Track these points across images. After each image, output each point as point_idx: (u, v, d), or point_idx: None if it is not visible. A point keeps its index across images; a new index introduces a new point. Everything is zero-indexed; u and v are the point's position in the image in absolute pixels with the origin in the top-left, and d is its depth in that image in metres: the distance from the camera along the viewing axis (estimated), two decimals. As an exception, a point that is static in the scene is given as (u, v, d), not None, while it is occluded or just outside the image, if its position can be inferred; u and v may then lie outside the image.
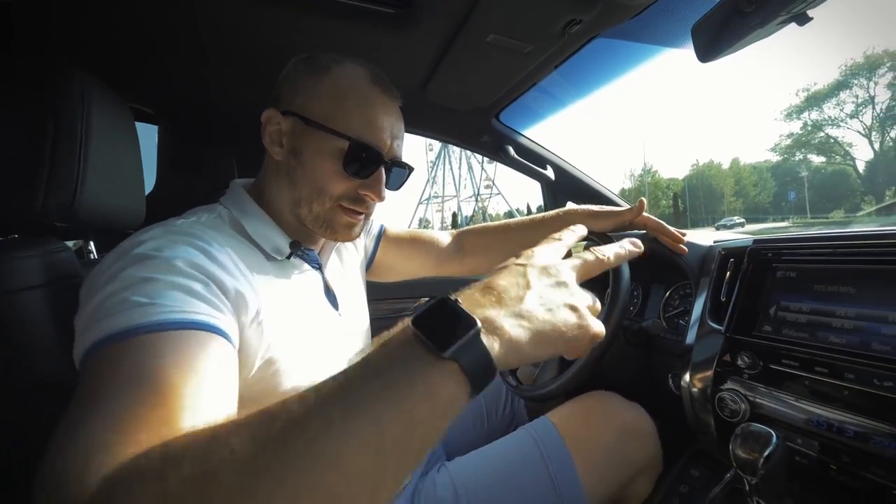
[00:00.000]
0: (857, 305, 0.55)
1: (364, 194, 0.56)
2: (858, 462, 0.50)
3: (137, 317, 0.34)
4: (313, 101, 0.54)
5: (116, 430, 0.28)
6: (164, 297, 0.36)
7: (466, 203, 65.57)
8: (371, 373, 0.27)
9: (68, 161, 0.49)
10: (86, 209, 0.51)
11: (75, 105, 0.50)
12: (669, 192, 68.70)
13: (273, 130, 0.55)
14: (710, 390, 0.66)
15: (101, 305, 0.36)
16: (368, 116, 0.54)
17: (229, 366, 0.39)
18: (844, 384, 0.52)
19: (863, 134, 54.04)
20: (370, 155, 0.54)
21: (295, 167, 0.55)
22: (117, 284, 0.37)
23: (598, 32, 0.83)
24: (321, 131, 0.53)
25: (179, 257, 0.40)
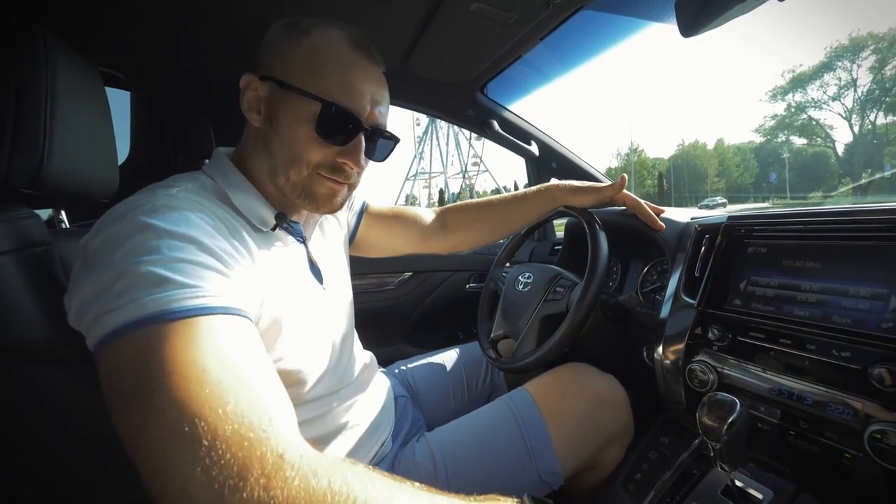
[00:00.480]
0: (821, 280, 0.57)
1: (342, 162, 0.54)
2: (815, 428, 0.53)
3: (169, 300, 0.35)
4: (290, 64, 0.52)
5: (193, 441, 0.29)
6: (191, 275, 0.37)
7: (454, 180, 65.12)
8: None
9: (33, 125, 0.46)
10: (54, 176, 0.49)
11: (39, 66, 0.47)
12: (655, 171, 69.29)
13: (251, 97, 0.54)
14: (682, 362, 0.68)
15: (118, 280, 0.35)
16: (345, 80, 0.52)
17: (259, 346, 0.40)
18: (806, 355, 0.55)
19: (843, 117, 54.95)
20: (346, 119, 0.52)
21: (272, 134, 0.53)
22: (130, 257, 0.36)
23: (583, 4, 0.82)
24: (296, 94, 0.51)
25: (198, 233, 0.40)
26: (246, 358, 0.36)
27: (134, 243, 0.37)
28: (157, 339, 0.33)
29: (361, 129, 0.54)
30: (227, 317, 0.37)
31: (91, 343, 0.36)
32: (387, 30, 0.95)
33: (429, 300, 1.53)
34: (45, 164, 0.48)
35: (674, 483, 0.65)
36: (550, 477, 0.67)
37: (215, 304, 0.37)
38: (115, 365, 0.34)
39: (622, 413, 0.76)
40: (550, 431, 0.69)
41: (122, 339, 0.34)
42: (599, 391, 0.75)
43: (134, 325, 0.34)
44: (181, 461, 0.29)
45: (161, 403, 0.31)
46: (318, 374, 0.56)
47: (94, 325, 0.35)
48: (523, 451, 0.67)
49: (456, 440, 0.69)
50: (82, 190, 0.56)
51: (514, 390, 0.77)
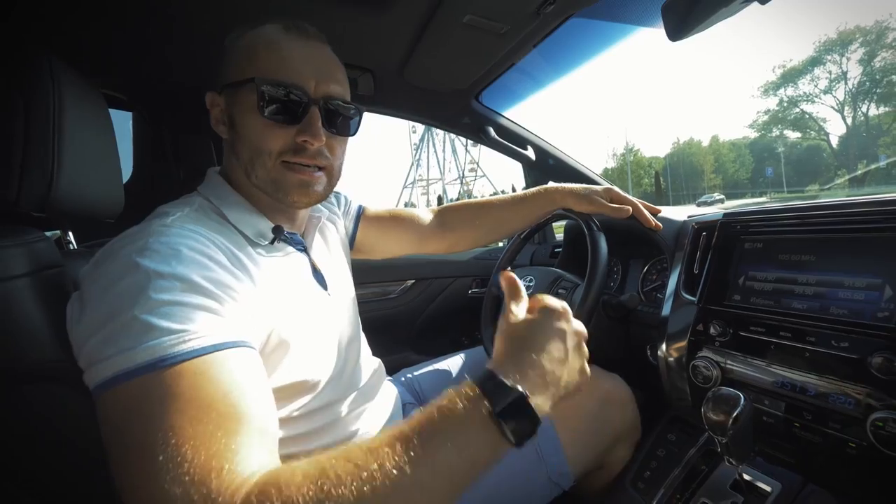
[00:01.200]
0: (818, 272, 0.59)
1: (302, 140, 0.52)
2: (818, 418, 0.54)
3: (168, 344, 0.35)
4: (231, 66, 0.53)
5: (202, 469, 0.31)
6: (186, 320, 0.37)
7: (452, 185, 65.34)
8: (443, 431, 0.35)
9: (42, 149, 0.48)
10: (63, 198, 0.50)
11: (46, 91, 0.49)
12: (651, 170, 69.53)
13: (216, 112, 0.56)
14: (685, 359, 0.69)
15: (111, 323, 0.37)
16: (278, 57, 0.52)
17: (263, 374, 0.42)
18: (806, 347, 0.56)
19: (836, 109, 55.26)
20: (288, 94, 0.51)
21: (235, 138, 0.54)
22: (125, 301, 0.37)
23: (572, 12, 0.84)
24: (238, 88, 0.52)
25: (184, 265, 0.41)
26: (239, 394, 0.37)
27: (123, 286, 0.38)
28: (145, 389, 0.34)
29: (311, 102, 0.53)
30: (217, 353, 0.37)
31: (88, 385, 0.37)
32: (382, 42, 0.97)
33: (432, 307, 1.54)
34: (54, 187, 0.49)
35: (683, 479, 0.65)
36: (560, 478, 0.68)
37: (204, 344, 0.37)
38: (111, 412, 0.35)
39: (629, 412, 0.76)
40: (559, 432, 0.69)
41: (116, 389, 0.35)
42: (606, 391, 0.76)
43: (125, 376, 0.35)
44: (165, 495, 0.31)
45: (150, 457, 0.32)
46: (325, 381, 0.57)
47: (88, 371, 0.37)
48: (532, 452, 0.68)
49: None
50: (90, 211, 0.57)
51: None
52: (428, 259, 1.53)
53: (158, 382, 0.34)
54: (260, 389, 0.39)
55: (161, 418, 0.33)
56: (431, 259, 1.54)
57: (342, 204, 0.85)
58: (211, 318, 0.39)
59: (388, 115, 1.38)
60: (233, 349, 0.39)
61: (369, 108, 1.29)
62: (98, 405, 0.36)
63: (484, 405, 0.36)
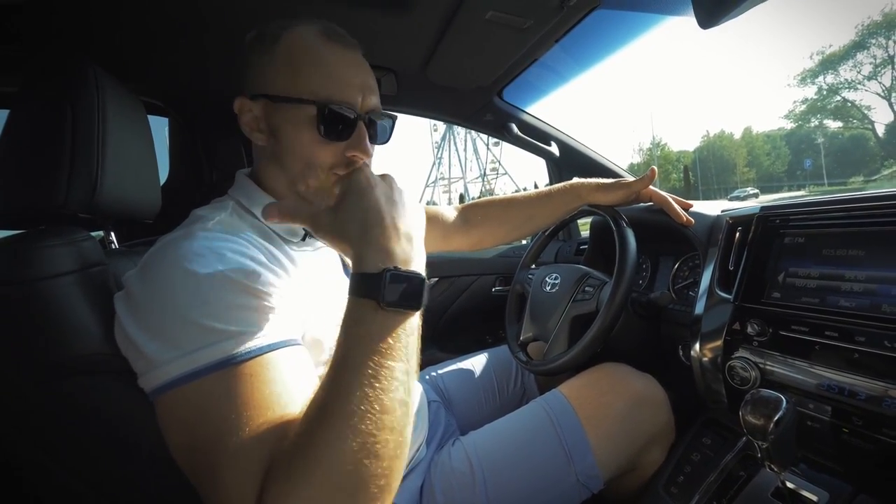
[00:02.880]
0: (867, 268, 0.55)
1: (352, 156, 0.54)
2: (870, 424, 0.51)
3: (228, 347, 0.38)
4: (273, 76, 0.53)
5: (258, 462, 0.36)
6: (242, 322, 0.40)
7: (473, 184, 65.19)
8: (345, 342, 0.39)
9: (87, 154, 0.50)
10: (106, 200, 0.53)
11: (91, 98, 0.51)
12: (680, 164, 67.30)
13: (249, 118, 0.55)
14: (721, 359, 0.66)
15: (167, 326, 0.39)
16: (330, 75, 0.52)
17: (311, 366, 0.45)
18: (855, 347, 0.52)
19: (882, 96, 51.94)
20: (343, 113, 0.52)
21: (278, 149, 0.55)
22: (178, 305, 0.40)
23: (597, 4, 0.82)
24: (288, 104, 0.52)
25: (231, 268, 0.43)
26: (289, 392, 0.40)
27: (176, 291, 0.40)
28: (208, 390, 0.38)
29: (360, 118, 0.54)
30: (271, 354, 0.41)
31: (146, 387, 0.40)
32: (404, 41, 0.97)
33: (455, 305, 1.54)
34: (99, 189, 0.52)
35: (720, 485, 0.63)
36: (589, 480, 0.66)
37: (260, 345, 0.40)
38: (178, 412, 0.39)
39: (662, 413, 0.74)
40: (588, 433, 0.68)
41: (180, 390, 0.38)
42: (637, 391, 0.74)
43: (188, 378, 0.38)
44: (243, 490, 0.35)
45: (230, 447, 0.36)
46: None
47: (146, 375, 0.39)
48: (561, 454, 0.66)
49: (492, 444, 0.69)
50: (130, 212, 0.60)
51: (548, 392, 0.77)
52: (451, 257, 1.53)
53: (221, 383, 0.38)
54: (309, 383, 0.42)
55: (227, 417, 0.36)
56: (454, 257, 1.53)
57: None
58: (262, 318, 0.42)
59: (410, 114, 1.39)
60: (284, 349, 0.42)
61: (393, 108, 1.30)
62: (158, 405, 0.39)
63: (369, 303, 0.39)
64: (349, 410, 0.35)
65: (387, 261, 0.40)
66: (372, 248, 0.41)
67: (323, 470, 0.34)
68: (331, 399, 0.36)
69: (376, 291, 0.39)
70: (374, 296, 0.39)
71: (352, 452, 0.35)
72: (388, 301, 0.38)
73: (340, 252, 0.46)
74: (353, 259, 0.42)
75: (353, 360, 0.37)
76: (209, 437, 0.36)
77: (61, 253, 0.46)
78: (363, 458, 0.35)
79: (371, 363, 0.37)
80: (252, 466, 0.35)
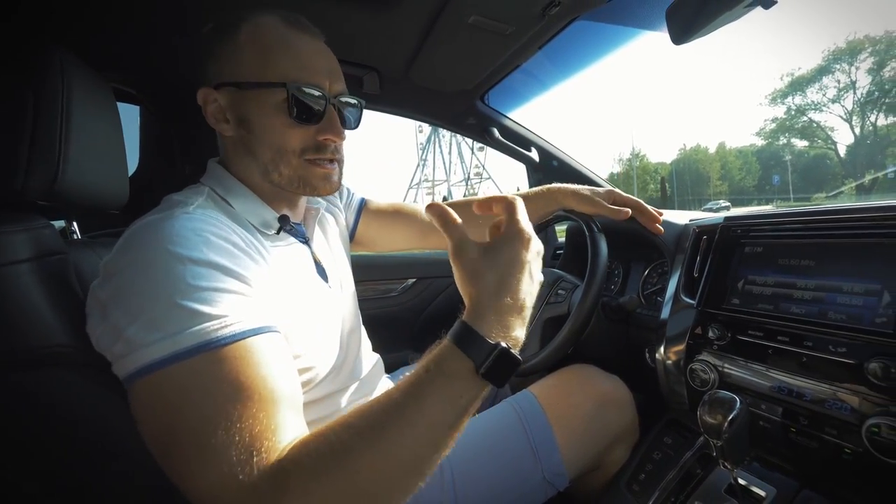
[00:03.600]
0: (817, 277, 0.59)
1: (324, 139, 0.54)
2: (815, 424, 0.54)
3: (205, 332, 0.37)
4: (238, 63, 0.52)
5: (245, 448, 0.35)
6: (230, 307, 0.40)
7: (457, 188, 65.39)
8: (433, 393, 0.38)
9: (49, 139, 0.48)
10: (68, 188, 0.51)
11: (55, 82, 0.49)
12: (657, 176, 69.30)
13: (214, 109, 0.55)
14: (683, 362, 0.69)
15: (146, 309, 0.38)
16: (296, 59, 0.52)
17: (289, 354, 0.45)
18: (804, 352, 0.56)
19: (844, 118, 54.91)
20: (313, 96, 0.53)
21: (248, 137, 0.54)
22: (158, 287, 0.39)
23: (577, 14, 0.84)
24: (258, 90, 0.52)
25: (214, 252, 0.42)
26: (275, 376, 0.40)
27: (159, 273, 0.39)
28: (192, 373, 0.37)
29: (329, 101, 0.54)
30: (255, 338, 0.40)
31: (122, 373, 0.38)
32: (388, 40, 0.97)
33: (433, 306, 1.54)
34: (60, 177, 0.50)
35: (678, 483, 0.65)
36: (556, 478, 0.68)
37: (243, 328, 0.39)
38: (151, 398, 0.37)
39: (628, 413, 0.76)
40: (555, 433, 0.69)
41: (159, 373, 0.36)
42: (604, 392, 0.76)
43: (170, 360, 0.36)
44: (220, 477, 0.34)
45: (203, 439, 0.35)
46: (326, 372, 0.57)
47: (126, 357, 0.38)
48: (528, 452, 0.68)
49: (462, 442, 0.69)
50: (94, 201, 0.58)
51: (518, 392, 0.78)
52: (430, 257, 1.54)
53: (204, 366, 0.37)
54: (290, 369, 0.43)
55: (210, 401, 0.36)
56: (434, 257, 1.54)
57: (344, 196, 0.86)
58: (246, 302, 0.42)
59: (393, 114, 1.39)
60: (267, 334, 0.41)
61: (375, 107, 1.29)
62: (136, 391, 0.38)
63: (468, 365, 0.38)
64: (400, 437, 0.36)
65: (502, 335, 0.40)
66: (496, 313, 0.41)
67: (350, 479, 0.35)
68: (388, 419, 0.37)
69: (479, 357, 0.38)
70: (474, 358, 0.38)
71: (384, 475, 0.36)
72: (485, 373, 0.38)
73: (461, 290, 0.45)
74: (471, 307, 0.42)
75: (425, 397, 0.38)
76: (193, 421, 0.35)
77: (16, 240, 0.44)
78: (388, 481, 0.36)
79: (439, 410, 0.38)
80: (239, 449, 0.34)
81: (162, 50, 0.97)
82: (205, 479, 0.34)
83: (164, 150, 1.17)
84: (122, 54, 0.97)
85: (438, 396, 0.38)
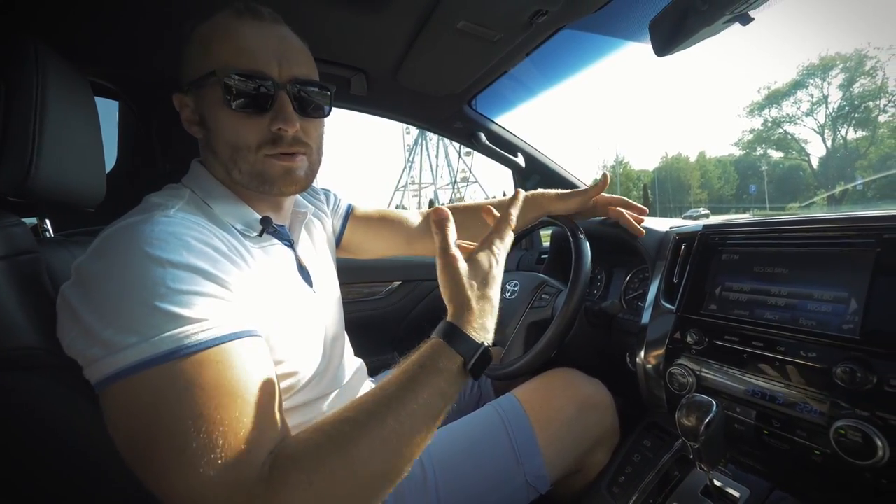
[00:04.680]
0: (789, 285, 0.61)
1: (277, 129, 0.51)
2: (786, 426, 0.56)
3: (183, 336, 0.36)
4: (189, 62, 0.52)
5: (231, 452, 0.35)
6: (209, 311, 0.39)
7: (443, 191, 65.51)
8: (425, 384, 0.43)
9: (22, 134, 0.47)
10: (42, 184, 0.49)
11: (30, 73, 0.48)
12: (640, 183, 70.78)
13: (187, 113, 0.55)
14: (663, 366, 0.71)
15: (123, 311, 0.37)
16: (235, 45, 0.50)
17: (269, 358, 0.45)
18: (776, 356, 0.58)
19: (816, 131, 57.13)
20: (254, 83, 0.49)
21: (209, 136, 0.54)
22: (136, 289, 0.38)
23: (564, 24, 0.86)
24: (203, 87, 0.50)
25: (194, 255, 0.42)
26: (256, 380, 0.40)
27: (137, 276, 0.38)
28: (170, 377, 0.36)
29: (277, 86, 0.51)
30: (235, 342, 0.39)
31: (95, 377, 0.37)
32: (376, 44, 0.97)
33: (418, 309, 1.54)
34: (33, 173, 0.48)
35: (657, 485, 0.67)
36: (537, 481, 0.68)
37: (222, 333, 0.39)
38: (127, 403, 0.36)
39: (608, 417, 0.77)
40: (538, 436, 0.70)
41: (135, 378, 0.35)
42: (586, 395, 0.77)
43: (147, 364, 0.35)
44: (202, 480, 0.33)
45: (182, 444, 0.34)
46: (308, 378, 0.57)
47: (100, 361, 0.36)
48: (511, 455, 0.68)
49: (445, 445, 0.70)
50: (69, 198, 0.56)
51: (502, 396, 0.79)
52: (415, 261, 1.53)
53: (183, 370, 0.36)
54: (270, 373, 0.42)
55: (189, 405, 0.35)
56: (419, 261, 1.54)
57: (331, 202, 0.85)
58: (225, 306, 0.41)
59: (381, 116, 1.38)
60: (247, 338, 0.41)
61: (363, 108, 1.29)
62: (109, 396, 0.36)
63: (458, 360, 0.44)
64: (398, 425, 0.40)
65: (483, 335, 0.47)
66: (478, 317, 0.47)
67: (350, 467, 0.37)
68: (387, 410, 0.40)
69: (468, 354, 0.45)
70: (464, 355, 0.44)
71: (380, 461, 0.39)
72: (471, 368, 0.45)
73: (444, 293, 0.49)
74: (456, 309, 0.47)
75: (420, 389, 0.42)
76: (171, 427, 0.34)
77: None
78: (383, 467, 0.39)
79: (431, 401, 0.42)
80: (222, 452, 0.34)
81: (141, 44, 0.95)
82: (185, 483, 0.33)
83: (142, 147, 1.14)
84: (100, 47, 0.95)
85: (432, 389, 0.42)
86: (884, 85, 57.75)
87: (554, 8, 0.78)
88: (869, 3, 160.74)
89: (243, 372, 0.38)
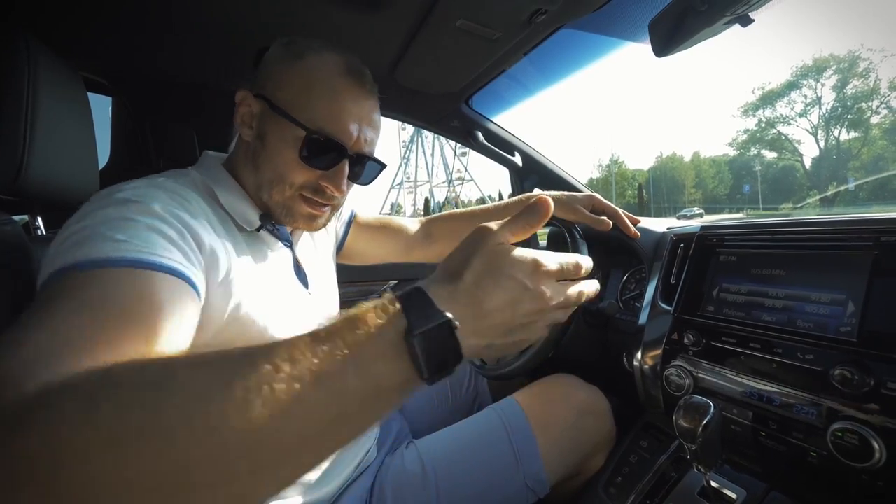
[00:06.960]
0: (787, 286, 0.61)
1: (325, 186, 0.55)
2: (783, 428, 0.56)
3: (110, 250, 0.35)
4: (281, 87, 0.54)
5: (68, 345, 0.28)
6: (140, 238, 0.37)
7: (439, 189, 65.47)
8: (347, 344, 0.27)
9: (13, 130, 0.46)
10: (33, 181, 0.48)
11: (20, 71, 0.47)
12: (635, 182, 71.12)
13: (245, 112, 0.55)
14: (660, 367, 0.71)
15: (73, 236, 0.37)
16: (332, 108, 0.53)
17: (192, 317, 0.39)
18: (774, 358, 0.58)
19: (810, 132, 57.68)
20: (330, 146, 0.53)
21: (259, 151, 0.55)
22: (92, 220, 0.38)
23: (563, 23, 0.85)
24: (284, 118, 0.52)
25: (160, 204, 0.42)
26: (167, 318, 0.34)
27: (103, 213, 0.39)
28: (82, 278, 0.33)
29: (346, 155, 0.55)
30: (163, 274, 0.36)
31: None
32: (373, 42, 0.97)
33: None
34: (25, 170, 0.47)
35: (653, 485, 0.67)
36: (536, 484, 0.68)
37: (155, 261, 0.36)
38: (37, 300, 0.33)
39: (606, 423, 0.78)
40: (537, 440, 0.70)
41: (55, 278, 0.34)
42: (584, 402, 0.77)
43: (71, 268, 0.34)
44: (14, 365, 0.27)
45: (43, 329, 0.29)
46: None
47: (41, 275, 0.36)
48: (511, 458, 0.68)
49: (446, 447, 0.70)
50: (61, 195, 0.55)
51: (503, 400, 0.79)
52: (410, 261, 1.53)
53: (75, 279, 0.33)
54: (183, 320, 0.37)
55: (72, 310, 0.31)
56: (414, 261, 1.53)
57: None
58: (166, 244, 0.39)
59: (377, 114, 1.37)
60: (178, 279, 0.38)
61: None
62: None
63: (401, 322, 0.29)
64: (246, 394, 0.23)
65: (460, 318, 0.30)
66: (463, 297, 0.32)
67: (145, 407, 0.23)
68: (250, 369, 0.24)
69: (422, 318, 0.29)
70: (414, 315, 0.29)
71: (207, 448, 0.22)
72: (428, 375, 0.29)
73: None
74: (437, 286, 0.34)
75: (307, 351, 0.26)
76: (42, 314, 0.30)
77: None
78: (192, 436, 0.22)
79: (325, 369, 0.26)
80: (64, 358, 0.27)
81: (135, 39, 0.93)
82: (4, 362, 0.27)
83: (136, 144, 1.13)
84: (93, 42, 0.93)
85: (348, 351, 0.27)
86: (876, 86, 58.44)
87: (553, 7, 0.77)
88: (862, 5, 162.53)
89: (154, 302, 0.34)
